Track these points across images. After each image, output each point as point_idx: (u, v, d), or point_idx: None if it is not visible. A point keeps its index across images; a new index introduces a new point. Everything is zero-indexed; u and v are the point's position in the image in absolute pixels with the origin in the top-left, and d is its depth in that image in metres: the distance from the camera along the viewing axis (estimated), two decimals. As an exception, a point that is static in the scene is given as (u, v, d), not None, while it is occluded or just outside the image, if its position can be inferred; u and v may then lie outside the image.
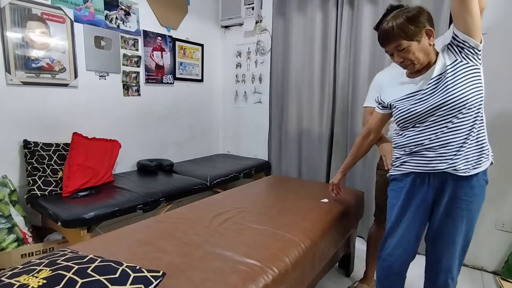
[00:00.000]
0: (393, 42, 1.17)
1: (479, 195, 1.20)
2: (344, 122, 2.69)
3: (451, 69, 1.14)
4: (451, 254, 1.25)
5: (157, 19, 2.85)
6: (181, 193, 2.31)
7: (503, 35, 1.99)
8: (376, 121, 1.45)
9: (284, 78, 3.00)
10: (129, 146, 2.71)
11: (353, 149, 1.58)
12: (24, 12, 2.02)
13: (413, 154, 1.24)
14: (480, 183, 1.19)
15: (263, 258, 1.16)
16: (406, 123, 1.25)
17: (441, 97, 1.14)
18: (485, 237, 2.13)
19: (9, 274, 0.86)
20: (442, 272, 1.28)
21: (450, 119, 1.14)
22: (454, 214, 1.21)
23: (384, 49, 1.24)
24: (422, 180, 1.25)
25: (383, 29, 1.19)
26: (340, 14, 2.60)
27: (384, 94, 1.37)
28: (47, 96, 2.19)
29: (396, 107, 1.28)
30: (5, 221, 1.85)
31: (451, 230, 1.23)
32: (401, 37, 1.14)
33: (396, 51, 1.18)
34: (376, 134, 1.50)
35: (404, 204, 1.30)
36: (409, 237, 1.31)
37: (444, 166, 1.17)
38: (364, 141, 1.53)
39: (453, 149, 1.15)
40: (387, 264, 1.36)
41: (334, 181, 1.72)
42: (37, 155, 2.07)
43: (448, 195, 1.20)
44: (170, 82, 3.04)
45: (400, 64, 1.23)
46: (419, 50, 1.16)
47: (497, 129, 2.02)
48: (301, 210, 1.67)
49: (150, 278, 0.90)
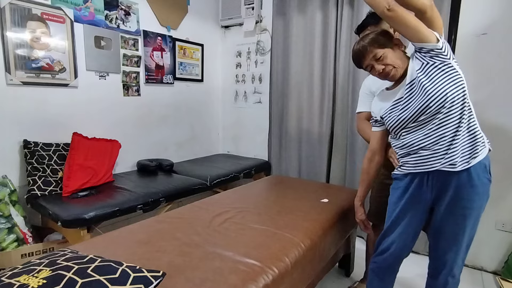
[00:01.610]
0: (369, 54, 1.24)
1: (482, 194, 1.21)
2: (344, 122, 2.69)
3: (422, 73, 1.18)
4: (453, 252, 1.26)
5: (157, 19, 2.85)
6: (181, 193, 2.31)
7: (503, 35, 1.99)
8: (377, 140, 1.44)
9: (284, 78, 3.00)
10: (129, 146, 2.71)
11: (362, 176, 1.52)
12: (24, 12, 2.02)
13: (410, 155, 1.27)
14: (482, 182, 1.19)
15: (263, 258, 1.16)
16: (398, 130, 1.29)
17: (421, 100, 1.17)
18: (485, 237, 2.13)
19: (9, 274, 0.87)
20: (444, 269, 1.30)
21: (436, 116, 1.17)
22: (456, 213, 1.22)
23: (362, 68, 1.31)
24: (421, 180, 1.26)
25: (355, 50, 1.28)
26: (340, 14, 2.60)
27: (375, 111, 1.40)
28: (47, 96, 2.19)
29: (385, 118, 1.33)
30: (5, 221, 1.85)
31: (453, 229, 1.24)
32: (374, 47, 1.23)
33: (374, 61, 1.24)
34: (381, 154, 1.46)
35: (403, 203, 1.32)
36: (407, 234, 1.34)
37: (440, 162, 1.18)
38: (371, 165, 1.48)
39: (445, 143, 1.17)
40: (383, 257, 1.40)
41: (362, 217, 1.57)
42: (37, 155, 2.07)
43: (450, 195, 1.21)
44: (170, 82, 3.04)
45: (381, 75, 1.27)
46: (395, 57, 1.24)
47: (497, 129, 2.02)
48: (301, 210, 1.67)
49: (150, 278, 0.90)
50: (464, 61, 1.96)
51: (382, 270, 1.42)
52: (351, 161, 2.62)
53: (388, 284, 1.45)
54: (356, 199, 1.57)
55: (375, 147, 1.45)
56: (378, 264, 1.43)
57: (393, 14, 1.13)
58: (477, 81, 2.02)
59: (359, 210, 1.56)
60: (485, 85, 2.05)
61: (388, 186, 1.44)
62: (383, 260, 1.40)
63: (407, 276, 1.98)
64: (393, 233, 1.36)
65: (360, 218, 1.56)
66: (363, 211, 1.56)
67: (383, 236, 1.40)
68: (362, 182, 1.53)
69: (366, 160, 1.49)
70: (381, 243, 1.41)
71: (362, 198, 1.55)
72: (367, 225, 1.58)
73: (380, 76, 1.27)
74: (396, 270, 1.43)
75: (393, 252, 1.36)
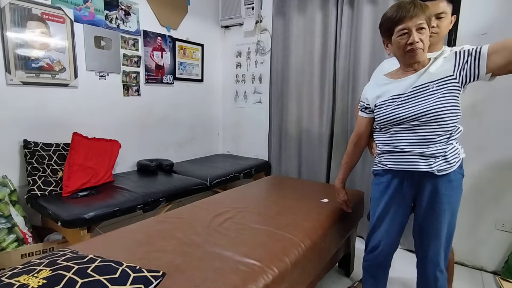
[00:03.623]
0: (421, 16, 1.13)
1: (457, 188, 1.26)
2: (344, 122, 2.69)
3: (438, 83, 1.17)
4: (437, 247, 1.29)
5: (157, 19, 2.85)
6: (181, 193, 2.31)
7: (503, 35, 1.99)
8: (366, 125, 1.44)
9: (284, 78, 3.00)
10: (129, 146, 2.71)
11: (345, 159, 1.53)
12: (24, 12, 2.02)
13: (393, 153, 1.28)
14: (457, 177, 1.25)
15: (263, 258, 1.16)
16: (388, 125, 1.29)
17: (421, 107, 1.18)
18: (485, 237, 2.13)
19: (9, 274, 0.86)
20: (430, 265, 1.32)
21: (429, 125, 1.18)
22: (437, 208, 1.25)
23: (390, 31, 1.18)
24: (402, 177, 1.29)
25: (403, 5, 1.14)
26: (340, 14, 2.60)
27: (369, 98, 1.36)
28: (47, 96, 2.19)
29: (379, 108, 1.30)
30: (5, 221, 1.85)
31: (434, 224, 1.27)
32: (426, 17, 1.14)
33: (415, 28, 1.13)
34: (366, 139, 1.47)
35: (386, 200, 1.35)
36: (392, 231, 1.38)
37: (423, 167, 1.21)
38: (355, 149, 1.50)
39: (433, 152, 1.19)
40: (373, 255, 1.44)
41: (344, 198, 1.62)
42: (37, 155, 2.07)
43: (429, 191, 1.25)
44: (170, 82, 3.04)
45: (405, 47, 1.16)
46: (427, 41, 1.18)
47: (496, 130, 2.02)
48: (301, 210, 1.67)
49: (150, 278, 0.90)
50: (464, 61, 1.95)
51: (373, 268, 1.47)
52: (351, 161, 2.62)
53: (382, 279, 1.48)
54: (337, 181, 1.61)
55: (362, 131, 1.45)
56: (370, 262, 1.47)
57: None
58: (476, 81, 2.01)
59: (340, 191, 1.61)
60: (484, 85, 2.03)
61: None
62: (374, 258, 1.44)
63: (408, 277, 1.98)
64: (379, 230, 1.40)
65: (342, 199, 1.62)
66: (344, 192, 1.62)
67: (371, 233, 1.44)
68: (345, 165, 1.55)
69: (351, 144, 1.50)
70: (370, 240, 1.45)
71: (343, 180, 1.60)
72: (349, 204, 1.64)
73: (405, 48, 1.17)
74: (388, 265, 1.47)
75: (382, 250, 1.41)
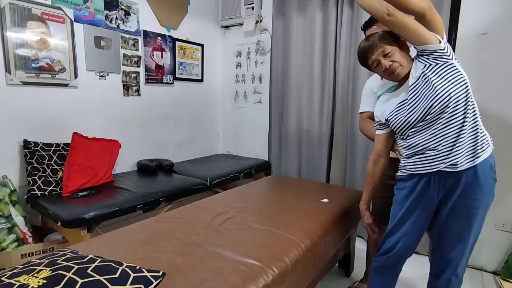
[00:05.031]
0: (378, 48, 1.23)
1: (488, 193, 1.22)
2: (344, 122, 2.69)
3: (428, 71, 1.18)
4: (459, 251, 1.26)
5: (157, 19, 2.85)
6: (181, 193, 2.31)
7: (502, 35, 1.99)
8: (382, 143, 1.43)
9: (284, 78, 3.00)
10: (129, 146, 2.71)
11: (367, 179, 1.49)
12: (24, 12, 2.02)
13: (417, 155, 1.26)
14: (488, 181, 1.21)
15: (263, 258, 1.16)
16: (404, 131, 1.29)
17: (426, 102, 1.18)
18: (485, 237, 2.12)
19: (9, 274, 0.86)
20: (448, 268, 1.30)
21: (441, 116, 1.17)
22: (463, 212, 1.22)
23: (366, 66, 1.31)
24: (428, 181, 1.25)
25: (364, 45, 1.28)
26: (340, 14, 2.60)
27: (379, 115, 1.39)
28: (47, 96, 2.18)
29: (391, 120, 1.32)
30: (5, 221, 1.85)
31: (459, 228, 1.24)
32: (384, 43, 1.23)
33: (382, 57, 1.24)
34: (386, 156, 1.45)
35: (410, 203, 1.31)
36: (412, 234, 1.33)
37: (444, 162, 1.18)
38: (376, 168, 1.46)
39: (448, 143, 1.17)
40: (386, 256, 1.39)
41: (368, 221, 1.52)
42: (37, 155, 2.07)
43: (457, 195, 1.21)
44: (170, 82, 3.04)
45: (386, 72, 1.26)
46: (402, 56, 1.23)
47: (497, 129, 2.01)
48: (301, 210, 1.67)
49: (150, 278, 0.90)
50: (464, 61, 1.94)
51: (384, 269, 1.42)
52: (351, 161, 2.62)
53: (390, 281, 1.44)
54: (362, 203, 1.53)
55: (380, 149, 1.44)
56: (381, 263, 1.42)
57: (393, 19, 1.14)
58: (477, 81, 2.02)
59: (365, 214, 1.52)
60: (485, 85, 2.05)
61: (391, 187, 1.43)
62: (386, 259, 1.39)
63: (409, 277, 1.98)
64: (398, 233, 1.35)
65: (367, 222, 1.52)
66: (369, 215, 1.52)
67: (387, 236, 1.40)
68: (367, 185, 1.50)
69: (371, 163, 1.47)
70: (385, 243, 1.40)
71: (367, 202, 1.52)
72: (374, 229, 1.53)
73: (385, 73, 1.27)
74: (398, 269, 1.42)
75: (397, 251, 1.35)
